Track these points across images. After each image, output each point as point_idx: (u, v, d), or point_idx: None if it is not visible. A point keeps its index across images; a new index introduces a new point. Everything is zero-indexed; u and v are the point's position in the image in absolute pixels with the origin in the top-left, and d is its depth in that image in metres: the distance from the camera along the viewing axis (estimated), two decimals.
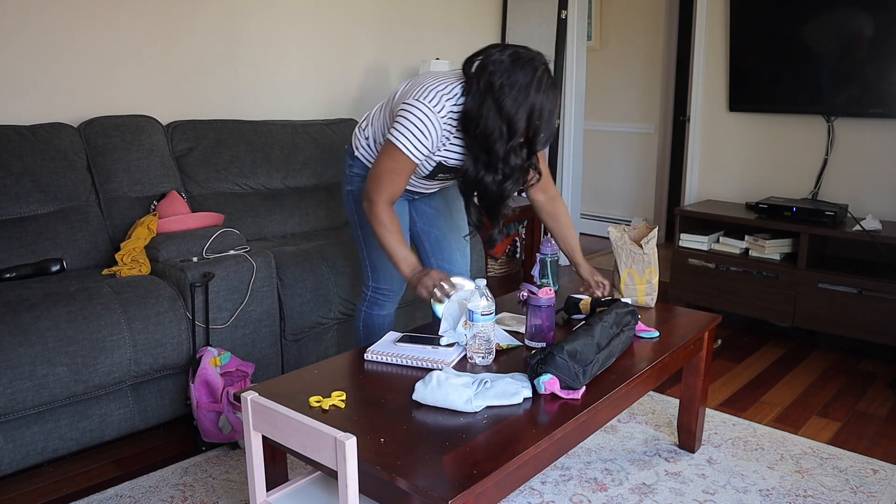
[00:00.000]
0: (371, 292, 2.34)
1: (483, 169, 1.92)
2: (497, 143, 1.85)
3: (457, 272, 2.40)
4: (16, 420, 2.03)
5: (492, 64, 1.82)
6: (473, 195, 2.04)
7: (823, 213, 3.23)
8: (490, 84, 1.81)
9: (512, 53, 1.84)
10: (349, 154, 2.24)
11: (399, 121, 1.91)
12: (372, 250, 2.25)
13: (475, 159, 1.92)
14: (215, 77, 3.27)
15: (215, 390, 2.24)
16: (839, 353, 3.27)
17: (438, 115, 1.89)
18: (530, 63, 1.82)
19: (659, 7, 5.20)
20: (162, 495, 2.06)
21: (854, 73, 3.32)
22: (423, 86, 1.93)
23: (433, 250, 2.40)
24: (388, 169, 1.95)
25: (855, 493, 2.10)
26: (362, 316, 2.38)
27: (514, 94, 1.80)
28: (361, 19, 3.83)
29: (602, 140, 5.70)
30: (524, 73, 1.81)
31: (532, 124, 1.83)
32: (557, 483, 2.14)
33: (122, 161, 2.76)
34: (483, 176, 1.93)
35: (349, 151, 2.24)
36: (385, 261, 2.24)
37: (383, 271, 2.28)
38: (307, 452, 1.32)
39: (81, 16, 2.82)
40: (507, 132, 1.83)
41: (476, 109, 1.84)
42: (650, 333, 2.04)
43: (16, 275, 2.38)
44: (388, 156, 1.94)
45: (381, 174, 1.96)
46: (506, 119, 1.81)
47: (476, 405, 1.55)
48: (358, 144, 2.20)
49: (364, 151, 2.18)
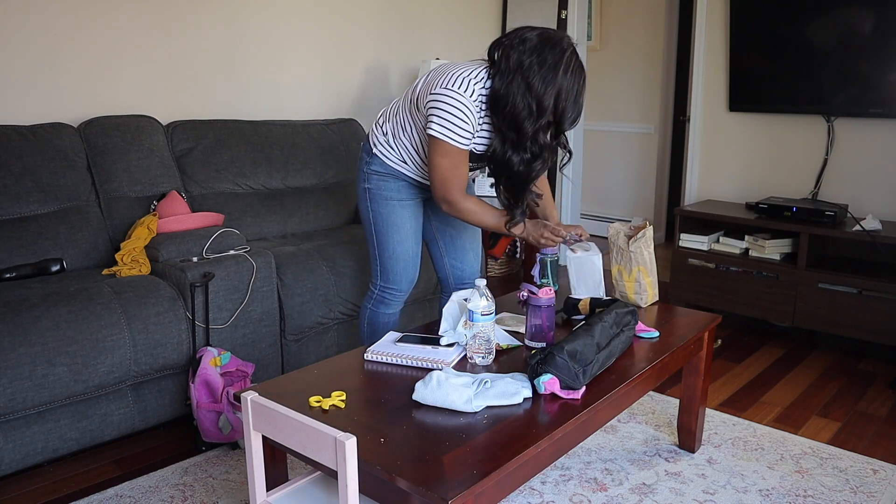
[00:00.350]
0: (378, 291, 2.32)
1: (511, 148, 1.94)
2: (526, 122, 1.87)
3: (469, 271, 2.42)
4: (16, 420, 2.03)
5: (521, 43, 1.86)
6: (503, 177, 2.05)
7: (823, 213, 3.23)
8: (520, 63, 1.84)
9: (540, 33, 1.87)
10: (366, 151, 2.22)
11: (434, 114, 1.93)
12: (384, 250, 2.23)
13: (503, 139, 1.94)
14: (215, 77, 3.27)
15: (215, 390, 2.24)
16: (839, 353, 3.27)
17: (470, 98, 1.91)
18: (559, 43, 1.85)
19: (659, 7, 5.20)
20: (162, 495, 2.06)
21: (854, 73, 3.32)
22: (448, 73, 1.95)
23: (447, 248, 2.40)
24: (444, 166, 1.97)
25: (855, 493, 2.10)
26: (367, 314, 2.36)
27: (543, 72, 1.83)
28: (361, 19, 3.83)
29: (602, 140, 5.70)
30: (553, 52, 1.84)
31: (559, 104, 1.86)
32: (557, 483, 2.14)
33: (122, 161, 2.76)
34: (511, 155, 1.95)
35: (366, 148, 2.22)
36: (396, 261, 2.24)
37: (393, 272, 2.26)
38: (307, 452, 1.32)
39: (81, 16, 2.82)
40: (536, 111, 1.86)
41: (505, 88, 1.86)
42: (650, 333, 2.04)
43: (16, 275, 2.38)
44: (438, 154, 1.96)
45: (443, 174, 1.98)
46: (535, 97, 1.84)
47: (476, 405, 1.55)
48: (376, 141, 2.18)
49: (382, 148, 2.17)
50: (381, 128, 2.18)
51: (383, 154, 2.17)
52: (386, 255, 2.24)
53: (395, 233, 2.21)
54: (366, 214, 2.24)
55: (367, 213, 2.23)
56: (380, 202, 2.19)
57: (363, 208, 2.24)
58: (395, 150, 2.15)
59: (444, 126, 1.92)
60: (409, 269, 2.28)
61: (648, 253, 2.29)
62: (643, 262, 2.28)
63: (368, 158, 2.20)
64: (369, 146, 2.20)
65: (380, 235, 2.22)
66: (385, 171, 2.18)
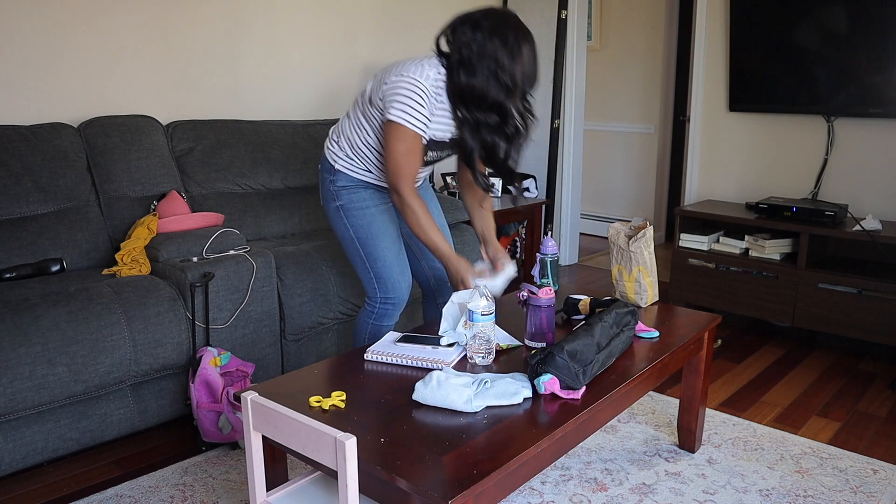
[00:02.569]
0: (380, 305, 2.25)
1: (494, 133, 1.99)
2: (506, 101, 1.95)
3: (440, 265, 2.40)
4: (16, 420, 2.03)
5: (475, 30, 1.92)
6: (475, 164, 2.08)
7: (823, 213, 3.23)
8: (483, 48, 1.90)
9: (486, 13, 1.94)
10: (327, 171, 2.20)
11: (392, 99, 1.94)
12: (375, 261, 2.19)
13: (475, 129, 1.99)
14: (215, 77, 3.27)
15: (215, 390, 2.24)
16: (839, 353, 3.27)
17: (426, 82, 1.94)
18: (508, 17, 1.94)
19: (659, 7, 5.20)
20: (162, 495, 2.06)
21: (854, 73, 3.32)
22: (402, 64, 1.98)
23: (422, 250, 2.39)
24: (400, 152, 1.96)
25: (855, 493, 2.10)
26: (369, 329, 2.29)
27: (509, 50, 1.90)
28: (361, 19, 3.83)
29: (602, 140, 5.70)
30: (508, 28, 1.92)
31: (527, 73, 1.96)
32: (557, 483, 2.14)
33: (122, 161, 2.76)
34: (497, 140, 2.00)
35: (326, 168, 2.21)
36: (390, 268, 2.20)
37: (390, 280, 2.22)
38: (307, 452, 1.32)
39: (82, 16, 2.82)
40: (512, 87, 1.93)
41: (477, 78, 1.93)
42: (650, 333, 2.04)
43: (16, 275, 2.38)
44: (395, 139, 1.95)
45: (397, 160, 1.97)
46: (509, 75, 1.92)
47: (476, 405, 1.55)
48: (335, 158, 2.18)
49: (344, 162, 2.17)
50: (336, 144, 2.19)
51: (346, 168, 2.17)
52: (379, 265, 2.20)
53: (382, 239, 2.19)
54: (345, 232, 2.21)
55: (346, 231, 2.20)
56: (356, 214, 2.18)
57: (340, 227, 2.21)
58: (357, 161, 2.16)
59: (402, 110, 1.93)
60: (405, 273, 2.25)
61: (648, 253, 2.29)
62: (643, 262, 2.28)
63: (332, 177, 2.19)
64: (329, 165, 2.20)
65: (367, 247, 2.19)
66: (352, 183, 2.18)
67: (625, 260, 2.31)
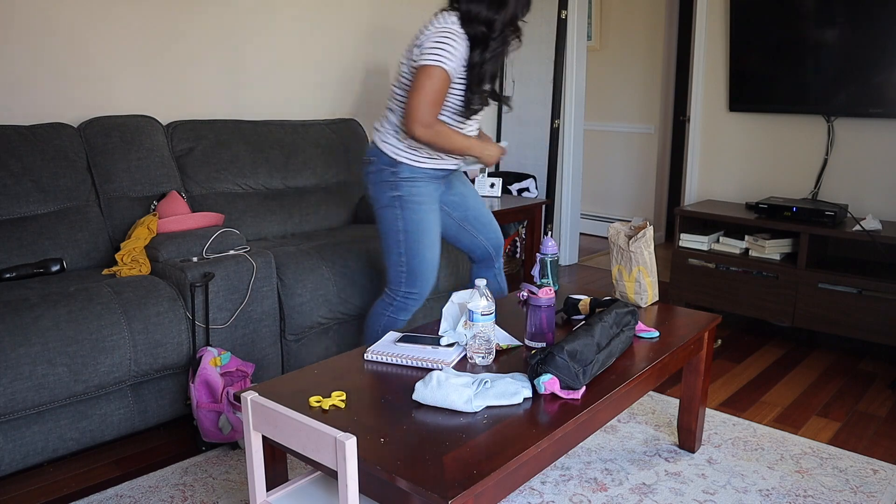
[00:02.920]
0: (401, 298, 2.35)
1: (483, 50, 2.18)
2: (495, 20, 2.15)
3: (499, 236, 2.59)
4: (16, 420, 2.03)
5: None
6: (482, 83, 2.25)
7: (823, 213, 3.23)
8: None
9: None
10: (386, 164, 2.28)
11: (428, 48, 2.12)
12: (414, 256, 2.29)
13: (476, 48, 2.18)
14: (215, 77, 3.27)
15: (215, 390, 2.24)
16: (839, 353, 3.27)
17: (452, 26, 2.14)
18: None
19: (659, 7, 5.20)
20: (162, 495, 2.06)
21: (854, 73, 3.32)
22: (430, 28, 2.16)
23: (477, 228, 2.54)
24: (432, 88, 2.11)
25: (855, 493, 2.10)
26: (384, 321, 2.37)
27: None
28: (361, 19, 3.83)
29: (602, 140, 5.70)
30: None
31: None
32: (557, 483, 2.14)
33: (122, 161, 2.76)
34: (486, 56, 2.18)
35: (384, 161, 2.28)
36: (427, 266, 2.32)
37: (422, 278, 2.32)
38: (307, 452, 1.32)
39: (82, 16, 2.82)
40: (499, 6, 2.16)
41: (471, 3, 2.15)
42: (650, 333, 2.04)
43: (16, 275, 2.38)
44: (426, 76, 2.10)
45: (427, 96, 2.11)
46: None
47: (476, 405, 1.55)
48: (397, 151, 2.27)
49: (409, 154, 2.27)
50: (393, 137, 2.27)
51: (410, 159, 2.26)
52: (416, 261, 2.30)
53: (427, 238, 2.29)
54: (393, 223, 2.29)
55: (394, 222, 2.28)
56: (412, 208, 2.27)
57: (389, 217, 2.29)
58: (422, 149, 2.26)
59: (437, 52, 2.10)
60: (435, 272, 2.36)
61: (648, 253, 2.29)
62: (643, 262, 2.28)
63: (394, 169, 2.27)
64: (389, 158, 2.27)
65: (411, 242, 2.28)
66: (415, 174, 2.28)
67: (625, 260, 2.31)
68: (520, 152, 4.68)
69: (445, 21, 2.15)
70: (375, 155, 2.31)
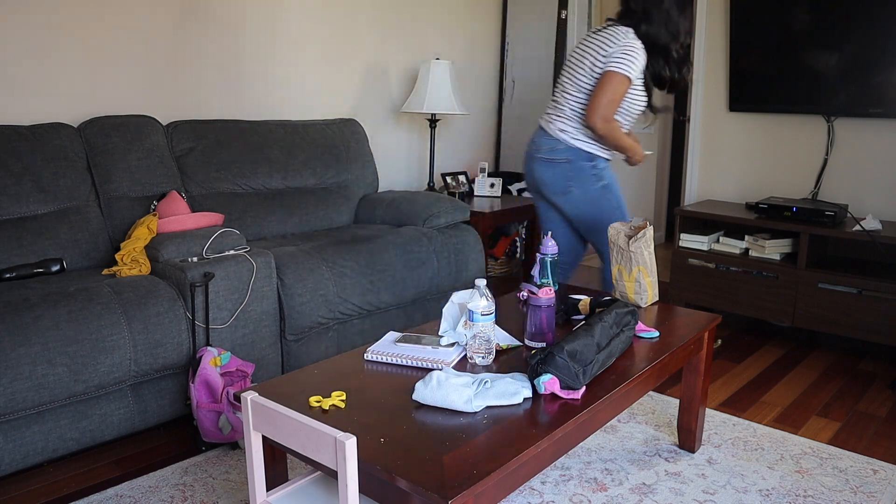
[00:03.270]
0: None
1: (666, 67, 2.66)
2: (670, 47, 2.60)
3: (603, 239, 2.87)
4: (16, 420, 2.03)
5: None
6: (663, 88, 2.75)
7: (823, 213, 3.23)
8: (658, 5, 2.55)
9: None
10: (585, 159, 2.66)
11: (616, 57, 2.51)
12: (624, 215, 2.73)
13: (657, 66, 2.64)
14: (215, 77, 3.27)
15: (215, 390, 2.24)
16: (839, 353, 3.28)
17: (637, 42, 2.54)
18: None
19: None
20: (162, 495, 2.06)
21: (854, 73, 3.32)
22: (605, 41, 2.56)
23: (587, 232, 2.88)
24: (617, 92, 2.52)
25: (855, 493, 2.10)
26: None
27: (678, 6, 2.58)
28: (361, 19, 3.83)
29: None
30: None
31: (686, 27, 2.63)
32: (557, 483, 2.14)
33: (122, 161, 2.76)
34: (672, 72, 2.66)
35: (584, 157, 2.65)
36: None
37: None
38: (307, 452, 1.32)
39: (82, 15, 2.82)
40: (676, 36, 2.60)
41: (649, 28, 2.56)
42: (650, 333, 2.04)
43: (16, 275, 2.38)
44: (614, 82, 2.51)
45: (611, 97, 2.52)
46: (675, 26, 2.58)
47: (476, 405, 1.55)
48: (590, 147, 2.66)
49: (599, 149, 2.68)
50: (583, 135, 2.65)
51: (600, 153, 2.68)
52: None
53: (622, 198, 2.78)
54: (608, 205, 2.71)
55: (610, 204, 2.71)
56: (614, 189, 2.74)
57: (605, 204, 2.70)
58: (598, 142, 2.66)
59: (625, 63, 2.51)
60: None
61: (648, 253, 2.29)
62: (643, 262, 2.28)
63: (592, 163, 2.68)
64: (588, 154, 2.66)
65: (625, 211, 2.74)
66: (606, 165, 2.74)
67: (625, 260, 2.31)
68: (520, 152, 4.68)
69: (627, 38, 2.53)
70: (573, 154, 2.66)
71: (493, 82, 4.71)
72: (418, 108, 3.83)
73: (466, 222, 3.46)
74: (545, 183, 2.73)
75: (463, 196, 4.13)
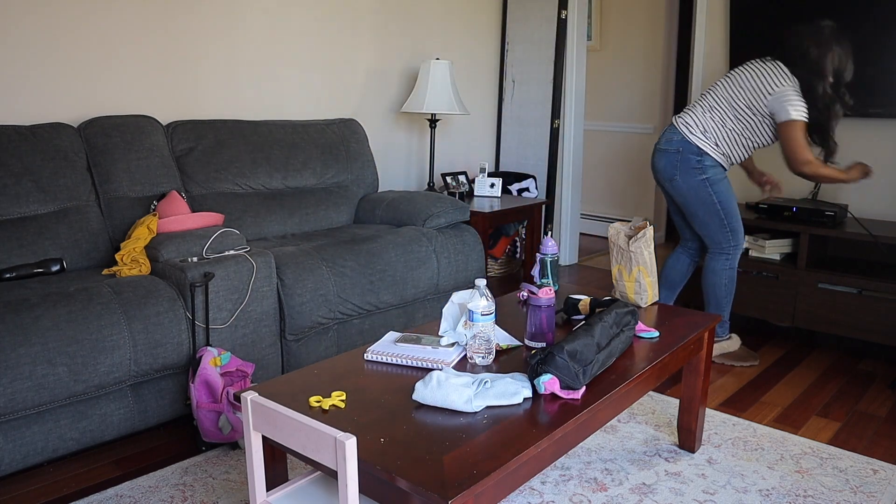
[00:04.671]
0: (732, 250, 2.95)
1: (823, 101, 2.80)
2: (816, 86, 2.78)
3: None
4: (16, 420, 2.03)
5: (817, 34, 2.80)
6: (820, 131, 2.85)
7: (823, 213, 3.23)
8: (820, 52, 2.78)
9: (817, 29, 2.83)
10: (693, 153, 2.84)
11: (789, 103, 2.72)
12: (732, 217, 2.90)
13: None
14: (215, 77, 3.27)
15: (215, 390, 2.24)
16: (839, 353, 3.28)
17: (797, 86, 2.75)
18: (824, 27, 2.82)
19: (659, 7, 5.20)
20: (162, 495, 2.06)
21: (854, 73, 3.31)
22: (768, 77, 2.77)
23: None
24: (802, 139, 2.74)
25: (855, 493, 2.10)
26: (728, 274, 2.96)
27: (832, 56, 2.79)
28: (361, 19, 3.83)
29: (602, 140, 5.70)
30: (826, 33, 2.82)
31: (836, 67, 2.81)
32: (557, 483, 2.14)
33: (122, 161, 2.76)
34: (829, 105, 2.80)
35: (693, 150, 2.84)
36: (740, 221, 2.92)
37: (739, 231, 2.93)
38: (307, 452, 1.32)
39: (82, 15, 2.82)
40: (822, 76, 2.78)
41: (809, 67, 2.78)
42: (650, 333, 2.04)
43: (16, 275, 2.38)
44: (798, 129, 2.73)
45: (803, 142, 2.74)
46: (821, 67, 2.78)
47: (476, 405, 1.55)
48: (706, 145, 2.83)
49: (713, 150, 2.84)
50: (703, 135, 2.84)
51: (712, 152, 2.84)
52: (734, 220, 2.90)
53: (734, 202, 2.91)
54: (709, 198, 2.86)
55: (710, 197, 2.86)
56: (719, 184, 2.86)
57: (704, 195, 2.86)
58: (720, 149, 2.85)
59: (799, 109, 2.71)
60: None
61: (648, 253, 2.29)
62: (643, 262, 2.28)
63: (699, 157, 2.84)
64: (697, 148, 2.84)
65: (728, 207, 2.88)
66: (713, 163, 2.86)
67: (625, 260, 2.31)
68: (520, 152, 4.68)
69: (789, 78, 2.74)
70: (684, 146, 2.85)
71: (493, 82, 4.71)
72: (418, 108, 3.83)
73: (466, 222, 3.46)
74: (657, 170, 2.97)
75: (463, 196, 4.13)
